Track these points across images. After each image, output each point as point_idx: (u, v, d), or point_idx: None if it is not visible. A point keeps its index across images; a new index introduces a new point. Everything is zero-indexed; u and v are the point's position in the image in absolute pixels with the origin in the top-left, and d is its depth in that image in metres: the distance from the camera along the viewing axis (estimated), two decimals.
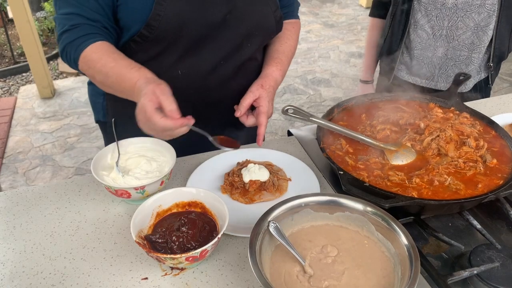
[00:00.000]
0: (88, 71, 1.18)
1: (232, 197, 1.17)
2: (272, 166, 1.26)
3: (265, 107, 1.28)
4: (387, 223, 0.93)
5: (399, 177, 1.11)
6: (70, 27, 1.16)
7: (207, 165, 1.28)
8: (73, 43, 1.16)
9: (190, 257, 0.90)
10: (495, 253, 0.97)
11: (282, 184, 1.20)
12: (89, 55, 1.15)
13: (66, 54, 1.19)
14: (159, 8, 1.15)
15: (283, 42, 1.44)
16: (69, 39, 1.17)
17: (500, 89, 4.41)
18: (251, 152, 1.32)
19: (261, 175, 1.18)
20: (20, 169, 3.45)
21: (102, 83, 1.19)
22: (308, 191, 1.12)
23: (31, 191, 1.22)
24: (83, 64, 1.17)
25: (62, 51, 1.20)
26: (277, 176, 1.22)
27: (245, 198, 1.16)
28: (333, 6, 7.05)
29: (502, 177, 1.12)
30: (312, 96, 4.46)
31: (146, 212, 1.01)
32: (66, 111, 4.21)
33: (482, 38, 1.74)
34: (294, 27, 1.50)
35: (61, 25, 1.18)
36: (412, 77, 1.92)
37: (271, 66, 1.38)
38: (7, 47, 5.21)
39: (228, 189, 1.19)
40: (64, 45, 1.18)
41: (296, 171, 1.25)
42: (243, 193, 1.17)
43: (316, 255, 0.92)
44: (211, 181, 1.23)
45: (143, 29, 1.18)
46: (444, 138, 1.21)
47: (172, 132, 1.04)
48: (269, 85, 1.32)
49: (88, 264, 1.00)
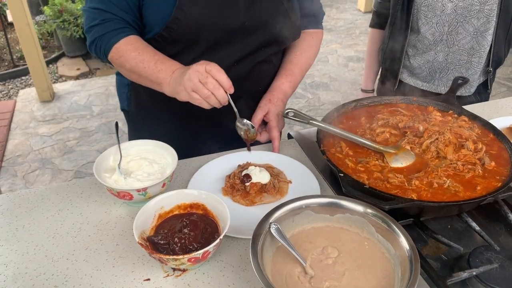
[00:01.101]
0: (119, 59, 1.23)
1: (233, 199, 1.18)
2: (273, 169, 1.27)
3: (275, 122, 1.34)
4: (387, 225, 0.94)
5: (399, 180, 1.13)
6: (100, 21, 1.21)
7: (209, 167, 1.29)
8: (104, 35, 1.21)
9: (192, 258, 0.91)
10: (494, 255, 0.98)
11: (283, 186, 1.21)
12: (122, 45, 1.21)
13: (96, 46, 1.24)
14: (179, 12, 1.19)
15: (299, 53, 1.46)
16: (100, 32, 1.22)
17: (498, 93, 4.44)
18: (252, 155, 1.33)
19: (262, 177, 1.19)
20: (19, 172, 3.45)
21: (133, 68, 1.23)
22: (309, 193, 1.13)
23: (33, 193, 1.22)
24: (114, 54, 1.22)
25: (91, 43, 1.25)
26: (277, 178, 1.23)
27: (246, 200, 1.17)
28: (331, 10, 7.09)
29: (500, 179, 1.13)
30: (311, 100, 4.48)
31: (148, 213, 1.02)
32: (66, 115, 4.22)
33: (481, 43, 1.75)
34: (314, 37, 1.51)
35: (90, 19, 1.23)
36: (413, 80, 1.93)
37: (281, 78, 1.41)
38: (6, 51, 5.22)
39: (229, 191, 1.20)
40: (95, 38, 1.23)
41: (296, 174, 1.26)
42: (244, 195, 1.18)
43: (317, 256, 0.93)
44: (212, 183, 1.24)
45: (163, 31, 1.23)
46: (443, 141, 1.23)
47: (214, 92, 1.10)
48: (277, 98, 1.36)
49: (90, 266, 1.00)
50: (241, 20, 1.26)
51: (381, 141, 1.29)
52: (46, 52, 5.21)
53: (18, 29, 4.02)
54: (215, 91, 1.10)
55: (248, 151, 1.35)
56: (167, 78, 1.17)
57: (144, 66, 1.20)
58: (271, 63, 1.44)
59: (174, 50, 1.28)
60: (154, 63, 1.19)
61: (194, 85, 1.10)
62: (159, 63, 1.19)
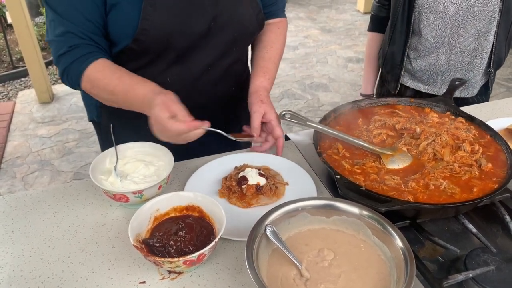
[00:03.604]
0: (92, 90, 1.19)
1: (229, 201, 1.18)
2: (270, 171, 1.27)
3: (276, 120, 1.31)
4: (383, 227, 0.94)
5: (395, 181, 1.12)
6: (68, 48, 1.16)
7: (205, 169, 1.29)
8: (73, 64, 1.17)
9: (187, 260, 0.90)
10: (491, 257, 0.98)
11: (280, 188, 1.21)
12: (92, 74, 1.16)
13: (67, 77, 1.20)
14: (145, 23, 1.16)
15: (269, 47, 1.44)
16: (69, 61, 1.17)
17: (497, 94, 4.43)
18: (248, 157, 1.33)
19: (258, 179, 1.19)
20: (18, 174, 3.45)
21: (108, 100, 1.21)
22: (305, 195, 1.13)
23: (29, 196, 1.22)
24: (86, 83, 1.18)
25: (62, 73, 1.20)
26: (274, 180, 1.22)
27: (243, 202, 1.17)
28: (330, 11, 7.10)
29: (497, 181, 1.13)
30: (310, 101, 4.48)
31: (144, 216, 1.02)
32: (65, 116, 4.22)
33: (483, 44, 1.75)
34: (280, 27, 1.49)
35: (57, 48, 1.17)
36: (415, 84, 1.92)
37: (259, 76, 1.38)
38: (5, 52, 5.22)
39: (226, 193, 1.20)
40: (64, 68, 1.18)
41: (293, 176, 1.26)
42: (241, 197, 1.18)
43: (313, 258, 0.93)
44: (209, 185, 1.24)
45: (131, 43, 1.20)
46: (439, 142, 1.22)
47: (188, 135, 1.09)
48: (266, 97, 1.35)
49: (86, 268, 1.00)
50: (207, 21, 1.24)
51: (378, 143, 1.29)
52: (46, 54, 5.20)
53: (18, 31, 4.02)
54: (184, 141, 1.10)
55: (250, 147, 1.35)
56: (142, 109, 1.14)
57: (117, 98, 1.17)
58: (241, 62, 1.44)
59: (144, 60, 1.26)
60: (123, 97, 1.16)
61: (168, 139, 1.11)
62: (129, 94, 1.14)
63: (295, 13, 6.98)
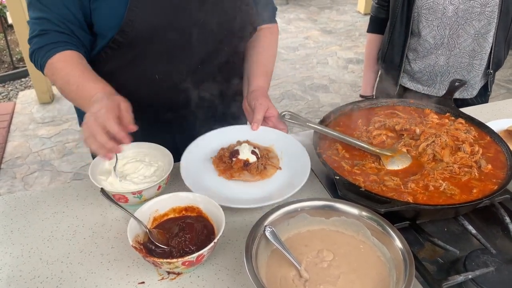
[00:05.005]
0: (52, 77, 1.21)
1: (216, 168, 1.23)
2: (269, 152, 1.28)
3: (278, 117, 1.34)
4: (383, 228, 0.94)
5: (395, 182, 1.12)
6: (40, 32, 1.18)
7: (209, 136, 1.32)
8: (42, 49, 1.19)
9: (186, 261, 0.90)
10: (490, 258, 0.98)
11: (268, 170, 1.22)
12: (55, 62, 1.18)
13: (34, 58, 1.22)
14: (131, 14, 1.16)
15: (263, 52, 1.46)
16: (38, 44, 1.19)
17: (497, 95, 4.43)
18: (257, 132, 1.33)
19: (249, 156, 1.21)
20: (18, 174, 3.45)
21: (62, 89, 1.21)
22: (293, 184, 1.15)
23: (29, 196, 1.22)
24: (48, 70, 1.20)
25: (31, 54, 1.23)
26: (266, 161, 1.23)
27: (226, 173, 1.21)
28: (331, 12, 7.10)
29: (497, 182, 1.13)
30: (310, 102, 4.48)
31: (143, 217, 1.02)
32: (65, 116, 4.22)
33: (483, 45, 1.75)
34: (272, 33, 1.51)
35: (31, 29, 1.21)
36: (414, 85, 1.93)
37: (258, 77, 1.40)
38: (6, 53, 5.23)
39: (217, 162, 1.24)
40: (33, 50, 1.21)
41: (293, 161, 1.26)
42: (227, 168, 1.22)
43: (312, 259, 0.93)
44: (209, 153, 1.27)
45: (117, 34, 1.19)
46: (439, 143, 1.22)
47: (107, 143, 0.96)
48: (267, 95, 1.37)
49: (85, 269, 1.00)
50: (195, 18, 1.24)
51: (377, 144, 1.28)
52: None
53: (18, 31, 4.02)
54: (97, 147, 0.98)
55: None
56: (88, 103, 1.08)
57: (69, 89, 1.16)
58: (234, 64, 1.44)
59: (131, 55, 1.25)
60: (76, 88, 1.14)
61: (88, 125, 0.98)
62: (80, 89, 1.13)
63: (295, 14, 6.98)
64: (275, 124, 1.34)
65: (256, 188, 1.19)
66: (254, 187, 1.19)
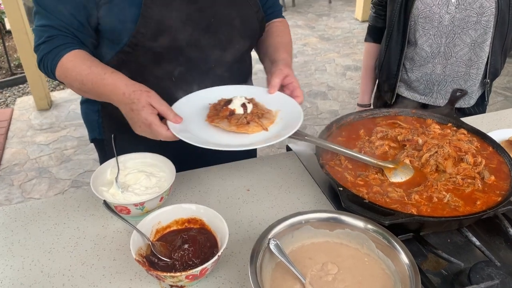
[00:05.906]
0: (65, 79, 1.21)
1: (208, 114, 1.22)
2: (264, 114, 1.22)
3: (297, 82, 1.29)
4: (388, 241, 0.93)
5: (398, 194, 1.12)
6: (46, 38, 1.19)
7: (223, 89, 1.31)
8: (50, 53, 1.19)
9: (190, 275, 0.89)
10: (495, 270, 0.97)
11: (251, 127, 1.17)
12: (65, 63, 1.18)
13: (44, 65, 1.22)
14: (146, 12, 1.17)
15: (282, 35, 1.45)
16: (46, 50, 1.19)
17: (495, 103, 4.45)
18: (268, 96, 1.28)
19: (237, 107, 1.19)
20: (16, 181, 3.42)
21: (79, 90, 1.22)
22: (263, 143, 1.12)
23: (29, 207, 1.21)
24: (60, 73, 1.20)
25: (40, 62, 1.23)
26: (252, 118, 1.18)
27: (209, 118, 1.21)
28: (329, 19, 7.13)
29: (500, 194, 1.13)
30: (309, 109, 4.48)
31: (146, 229, 1.01)
32: (63, 123, 4.20)
33: (479, 54, 1.76)
34: (283, 23, 1.52)
35: (37, 37, 1.21)
36: (411, 94, 1.93)
37: (282, 53, 1.36)
38: (4, 59, 5.22)
39: (212, 108, 1.24)
40: (42, 56, 1.21)
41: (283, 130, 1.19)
42: (215, 114, 1.21)
43: (317, 272, 0.92)
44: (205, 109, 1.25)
45: (132, 37, 1.19)
46: (442, 154, 1.22)
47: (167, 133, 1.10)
48: (290, 65, 1.32)
49: (87, 281, 0.99)
50: (207, 18, 1.25)
51: (380, 154, 1.28)
52: None
53: (16, 37, 4.02)
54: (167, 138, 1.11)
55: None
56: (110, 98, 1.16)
57: (86, 88, 1.18)
58: (244, 62, 1.45)
59: (146, 58, 1.25)
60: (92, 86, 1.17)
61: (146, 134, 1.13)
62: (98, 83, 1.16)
63: (293, 21, 7.01)
64: (292, 92, 1.30)
65: (234, 138, 1.16)
66: (233, 137, 1.16)
